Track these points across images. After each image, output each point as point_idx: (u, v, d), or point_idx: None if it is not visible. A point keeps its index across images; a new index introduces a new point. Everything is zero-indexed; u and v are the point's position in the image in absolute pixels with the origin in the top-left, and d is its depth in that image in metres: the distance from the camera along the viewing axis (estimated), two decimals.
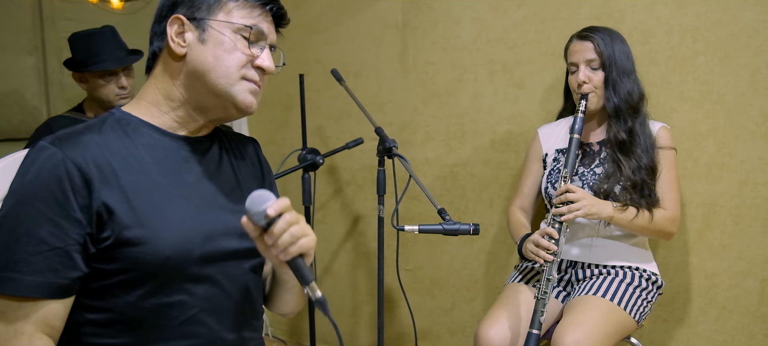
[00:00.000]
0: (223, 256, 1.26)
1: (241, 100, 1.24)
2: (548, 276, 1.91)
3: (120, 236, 1.14)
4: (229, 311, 1.29)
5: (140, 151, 1.22)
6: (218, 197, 1.30)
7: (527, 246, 2.01)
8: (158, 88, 1.27)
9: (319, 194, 2.98)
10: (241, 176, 1.39)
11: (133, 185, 1.17)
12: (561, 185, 1.97)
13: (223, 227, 1.27)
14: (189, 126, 1.29)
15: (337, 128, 2.91)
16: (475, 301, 2.74)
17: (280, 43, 1.33)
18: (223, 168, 1.36)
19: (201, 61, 1.22)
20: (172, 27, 1.23)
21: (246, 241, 1.29)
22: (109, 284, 1.16)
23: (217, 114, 1.29)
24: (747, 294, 2.21)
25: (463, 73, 2.60)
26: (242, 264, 1.32)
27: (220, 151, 1.37)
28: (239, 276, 1.31)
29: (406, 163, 2.06)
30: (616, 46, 2.03)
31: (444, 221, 1.86)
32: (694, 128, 2.22)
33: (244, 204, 1.33)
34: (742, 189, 2.18)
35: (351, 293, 3.02)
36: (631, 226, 1.98)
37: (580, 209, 1.92)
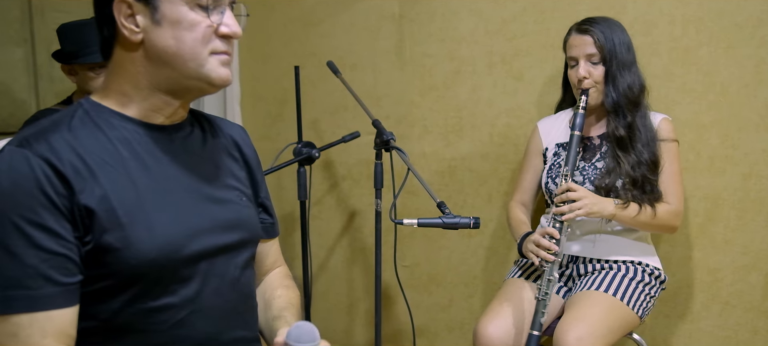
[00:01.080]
0: (211, 253, 1.19)
1: (216, 77, 1.13)
2: (549, 276, 1.87)
3: (100, 240, 1.06)
4: (221, 310, 1.21)
5: (115, 145, 1.12)
6: (203, 188, 1.22)
7: (528, 246, 1.97)
8: (122, 78, 1.15)
9: (315, 189, 2.93)
10: (226, 164, 1.31)
11: (110, 185, 1.08)
12: (562, 184, 1.93)
13: (210, 222, 1.20)
14: (165, 112, 1.19)
15: (332, 122, 2.86)
16: (473, 297, 2.70)
17: (274, 37, 1.26)
18: (206, 155, 1.27)
19: (161, 46, 1.11)
20: (119, 11, 1.10)
21: (234, 233, 1.24)
22: (91, 291, 1.08)
23: (193, 95, 1.21)
24: (751, 289, 2.18)
25: (461, 65, 2.56)
26: (232, 259, 1.24)
27: (202, 136, 1.29)
28: (230, 272, 1.23)
29: (404, 156, 2.01)
30: (616, 38, 1.98)
31: (443, 215, 1.82)
32: (697, 120, 2.19)
33: (230, 193, 1.27)
34: (746, 182, 2.14)
35: (347, 289, 2.97)
36: (634, 223, 1.93)
37: (582, 209, 1.88)
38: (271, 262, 1.48)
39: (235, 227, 1.25)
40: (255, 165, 1.39)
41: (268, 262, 1.47)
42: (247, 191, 1.33)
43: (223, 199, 1.24)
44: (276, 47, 2.94)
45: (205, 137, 1.29)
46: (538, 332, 1.83)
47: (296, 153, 2.40)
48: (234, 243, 1.23)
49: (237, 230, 1.25)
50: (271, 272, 1.48)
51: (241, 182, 1.32)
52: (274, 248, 1.49)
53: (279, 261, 1.51)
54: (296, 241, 3.00)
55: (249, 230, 1.30)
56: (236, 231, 1.25)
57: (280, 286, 1.43)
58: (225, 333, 1.22)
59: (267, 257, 1.46)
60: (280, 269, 1.50)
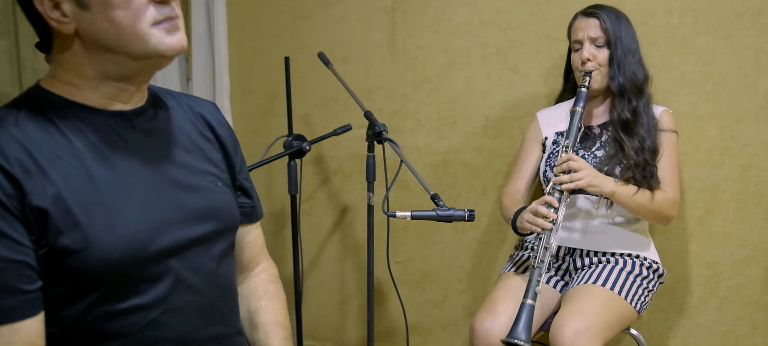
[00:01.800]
0: (182, 246, 1.10)
1: (167, 48, 1.03)
2: (546, 245, 1.81)
3: (56, 244, 0.97)
4: (197, 307, 1.13)
5: (69, 138, 1.02)
6: (171, 177, 1.13)
7: (524, 216, 1.91)
8: (68, 71, 1.05)
9: (306, 184, 2.88)
10: (198, 146, 1.21)
11: (64, 181, 0.99)
12: (562, 156, 1.89)
13: (180, 212, 1.11)
14: (121, 98, 1.09)
15: (323, 116, 2.81)
16: (467, 293, 2.65)
17: (264, 29, 1.19)
18: (173, 139, 1.17)
19: (97, 32, 1.00)
20: (41, 3, 0.99)
21: (208, 223, 1.16)
22: (51, 296, 1.00)
23: (148, 74, 1.11)
24: (750, 283, 2.15)
25: (454, 57, 2.51)
26: (207, 251, 1.16)
27: (168, 117, 1.19)
28: (205, 265, 1.15)
29: (397, 148, 1.96)
30: (622, 25, 1.97)
31: (437, 207, 1.77)
32: (696, 111, 2.15)
33: (202, 178, 1.18)
34: (745, 174, 2.11)
35: (339, 286, 2.92)
36: (632, 202, 1.89)
37: (582, 179, 1.84)
38: (254, 252, 1.39)
39: (209, 216, 1.16)
40: (230, 144, 1.29)
41: (251, 251, 1.38)
42: (222, 174, 1.24)
43: (194, 186, 1.16)
44: (266, 40, 2.89)
45: (171, 119, 1.19)
46: (533, 302, 1.74)
47: (286, 146, 2.34)
48: (208, 234, 1.15)
49: (211, 220, 1.16)
50: (255, 269, 1.40)
51: (215, 164, 1.23)
52: (256, 234, 1.39)
53: (262, 254, 1.42)
54: (287, 237, 2.96)
55: (225, 218, 1.21)
56: (210, 221, 1.16)
57: (265, 295, 1.35)
58: (202, 331, 1.15)
59: (249, 245, 1.37)
60: (265, 274, 1.41)
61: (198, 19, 2.93)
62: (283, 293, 1.40)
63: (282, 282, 1.42)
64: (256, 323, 1.30)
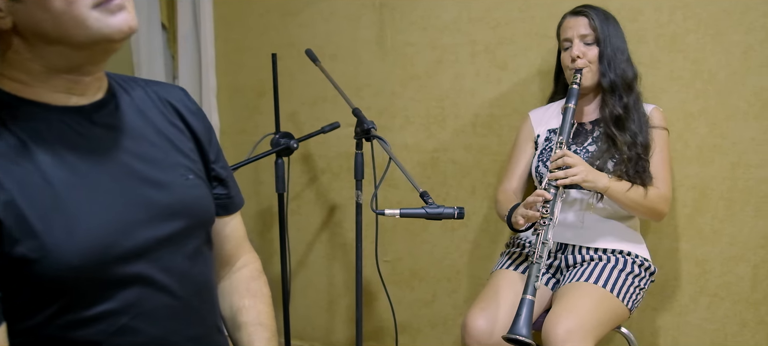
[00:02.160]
0: (151, 247, 1.03)
1: (112, 30, 0.94)
2: (544, 239, 1.81)
3: (12, 253, 0.90)
4: (171, 309, 1.07)
5: (21, 139, 0.95)
6: (137, 173, 1.05)
7: (518, 211, 1.90)
8: (13, 66, 0.98)
9: (293, 183, 2.85)
10: (166, 137, 1.13)
11: (18, 187, 0.92)
12: (556, 151, 1.88)
13: (147, 211, 1.04)
14: (76, 90, 1.01)
15: (311, 114, 2.79)
16: (457, 292, 2.63)
17: (251, 27, 1.15)
18: (138, 131, 1.09)
19: (35, 24, 0.92)
20: None
21: (178, 220, 1.09)
22: (13, 306, 0.94)
23: (99, 61, 1.02)
24: (739, 280, 2.14)
25: (443, 54, 2.50)
26: (179, 249, 1.09)
27: (132, 108, 1.11)
28: (178, 265, 1.08)
29: (386, 145, 1.95)
30: (611, 25, 1.98)
31: (427, 205, 1.75)
32: (685, 109, 2.14)
33: (172, 172, 1.11)
34: (734, 171, 2.10)
35: (327, 286, 2.90)
36: (626, 198, 1.88)
37: (578, 174, 1.83)
38: (235, 245, 1.32)
39: (179, 213, 1.09)
40: (202, 132, 1.20)
41: (231, 244, 1.31)
42: (194, 165, 1.17)
43: (162, 181, 1.08)
44: (253, 37, 2.86)
45: (135, 110, 1.11)
46: (532, 298, 1.73)
47: (274, 144, 2.32)
48: (178, 232, 1.09)
49: (181, 216, 1.09)
50: (237, 263, 1.33)
51: (186, 155, 1.16)
52: (235, 226, 1.32)
53: (244, 246, 1.35)
54: (274, 236, 2.93)
55: (197, 213, 1.14)
56: (180, 217, 1.09)
57: (247, 293, 1.30)
58: (177, 334, 1.09)
59: (228, 238, 1.30)
60: (247, 269, 1.34)
61: (184, 17, 2.90)
62: (266, 288, 1.34)
63: (270, 282, 1.38)
64: (239, 323, 1.26)
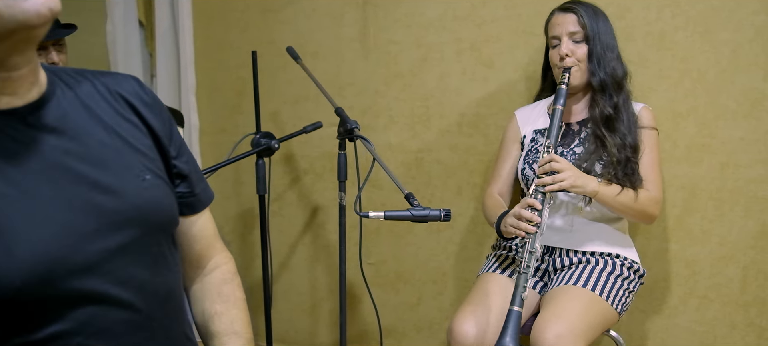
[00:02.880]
0: (104, 259, 0.93)
1: (29, 14, 0.82)
2: (531, 249, 1.76)
3: None
4: (131, 324, 0.97)
5: None
6: (82, 178, 0.94)
7: (507, 221, 1.85)
8: None
9: (275, 184, 2.79)
10: (118, 134, 1.01)
11: None
12: (544, 156, 1.83)
13: (96, 220, 0.93)
14: (6, 89, 0.89)
15: (293, 114, 2.72)
16: (442, 295, 2.59)
17: (231, 23, 1.07)
18: (84, 131, 0.97)
19: None
20: None
21: (133, 227, 0.98)
22: None
23: (23, 51, 0.88)
24: (728, 282, 2.12)
25: (428, 52, 2.45)
26: (137, 259, 0.98)
27: (75, 106, 0.99)
28: (136, 276, 0.98)
29: (369, 145, 1.89)
30: (600, 21, 1.92)
31: (412, 207, 1.70)
32: (673, 108, 2.11)
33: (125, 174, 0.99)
34: (724, 171, 2.08)
35: (310, 289, 2.84)
36: (616, 202, 1.84)
37: (566, 180, 1.78)
38: (204, 245, 1.22)
39: (134, 220, 0.98)
40: (159, 125, 1.08)
41: (199, 245, 1.21)
42: (151, 163, 1.05)
43: (113, 186, 0.97)
44: (233, 35, 2.79)
45: (80, 107, 0.99)
46: (520, 309, 1.69)
47: (254, 144, 2.25)
48: (135, 240, 0.98)
49: (136, 223, 0.98)
50: (208, 265, 1.23)
51: (142, 153, 1.04)
52: (203, 225, 1.21)
53: (215, 246, 1.24)
54: (256, 238, 2.87)
55: (155, 218, 1.03)
56: (136, 224, 0.98)
57: (219, 298, 1.19)
58: None
59: (196, 239, 1.20)
60: (219, 271, 1.23)
61: (162, 13, 2.83)
62: (240, 291, 1.24)
63: (251, 286, 1.30)
64: (212, 332, 1.17)
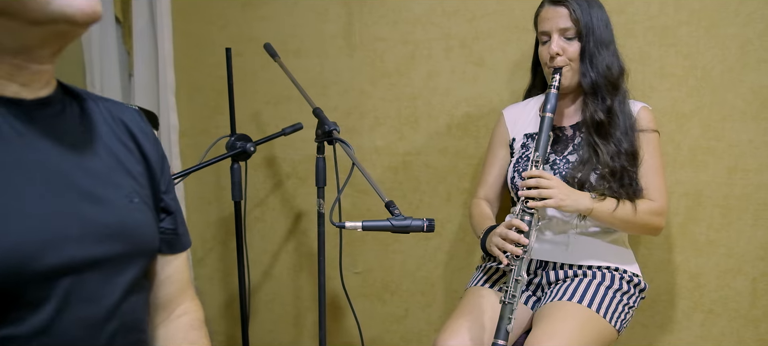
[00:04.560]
0: (77, 267, 0.89)
1: (75, 10, 0.83)
2: (517, 276, 1.63)
3: None
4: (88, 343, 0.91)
5: None
6: (76, 183, 0.92)
7: (492, 239, 1.72)
8: None
9: (257, 189, 2.66)
10: (116, 155, 1.02)
11: None
12: (531, 170, 1.69)
13: (80, 227, 0.90)
14: (19, 79, 0.88)
15: (275, 114, 2.59)
16: (431, 306, 2.45)
17: (210, 20, 0.98)
18: (85, 141, 0.98)
19: None
20: None
21: (115, 243, 0.94)
22: None
23: (53, 45, 0.89)
24: (736, 295, 1.98)
25: (415, 49, 2.31)
26: (111, 278, 0.94)
27: (81, 117, 0.99)
28: (106, 296, 0.93)
29: (348, 149, 1.75)
30: (594, 13, 1.76)
31: (392, 216, 1.56)
32: (677, 108, 1.98)
33: (116, 191, 0.97)
34: (731, 177, 1.94)
35: (293, 299, 2.70)
36: (613, 220, 1.70)
37: (553, 198, 1.64)
38: (175, 289, 1.16)
39: (117, 236, 0.95)
40: (155, 159, 1.09)
41: (170, 288, 1.15)
42: (142, 190, 1.04)
43: (102, 198, 0.95)
44: (213, 32, 2.65)
45: (85, 119, 0.99)
46: (504, 342, 1.58)
47: (229, 147, 2.11)
48: (114, 256, 0.94)
49: (119, 240, 0.95)
50: (176, 310, 1.16)
51: (134, 178, 1.03)
52: (177, 267, 1.16)
53: (186, 293, 1.19)
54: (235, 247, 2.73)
55: (139, 239, 1.01)
56: (118, 241, 0.95)
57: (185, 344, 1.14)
58: None
59: (168, 280, 1.14)
60: (187, 317, 1.17)
61: (139, 10, 2.70)
62: (206, 340, 1.18)
63: (233, 293, 1.19)
64: None
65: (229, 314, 2.84)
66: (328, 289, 2.52)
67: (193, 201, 2.80)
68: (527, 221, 1.66)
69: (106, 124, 1.03)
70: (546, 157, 1.76)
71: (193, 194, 2.79)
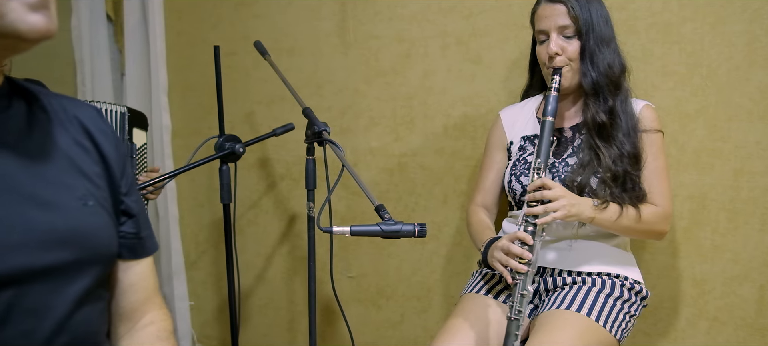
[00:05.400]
0: (21, 277, 0.83)
1: (28, 28, 0.79)
2: (522, 291, 1.55)
3: None
4: None
5: None
6: (20, 186, 0.86)
7: (494, 254, 1.64)
8: None
9: (250, 191, 2.60)
10: (69, 156, 0.95)
11: None
12: (534, 179, 1.61)
13: (24, 232, 0.84)
14: None
15: (269, 114, 2.53)
16: (427, 312, 2.38)
17: (203, 17, 0.93)
18: (33, 141, 0.92)
19: None
20: None
21: (64, 250, 0.88)
22: None
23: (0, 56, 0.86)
24: (743, 303, 1.90)
25: (411, 47, 2.25)
26: (60, 288, 0.88)
27: (29, 115, 0.93)
28: (55, 308, 0.87)
29: (339, 150, 1.69)
30: (594, 9, 1.68)
31: (383, 221, 1.49)
32: (681, 108, 1.90)
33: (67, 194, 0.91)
34: (737, 179, 1.86)
35: (287, 303, 2.64)
36: (616, 227, 1.63)
37: (559, 210, 1.55)
38: (140, 298, 1.08)
39: (69, 242, 0.89)
40: (114, 158, 1.02)
41: (134, 296, 1.07)
42: (98, 192, 0.98)
43: (52, 202, 0.89)
44: (206, 30, 2.60)
45: (34, 118, 0.94)
46: None
47: (217, 148, 2.05)
48: (63, 265, 0.88)
49: (71, 246, 0.89)
50: (142, 320, 1.09)
51: (89, 179, 0.97)
52: (141, 274, 1.09)
53: (152, 301, 1.11)
54: None
55: (93, 245, 0.94)
56: (68, 247, 0.89)
57: None
58: None
59: (132, 289, 1.07)
60: (153, 327, 1.10)
61: (131, 7, 2.66)
62: None
63: (222, 301, 1.12)
64: None
65: (222, 318, 2.78)
66: (323, 293, 2.46)
67: (186, 203, 2.74)
68: (531, 232, 1.59)
69: (59, 123, 0.97)
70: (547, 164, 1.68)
71: (185, 195, 2.73)
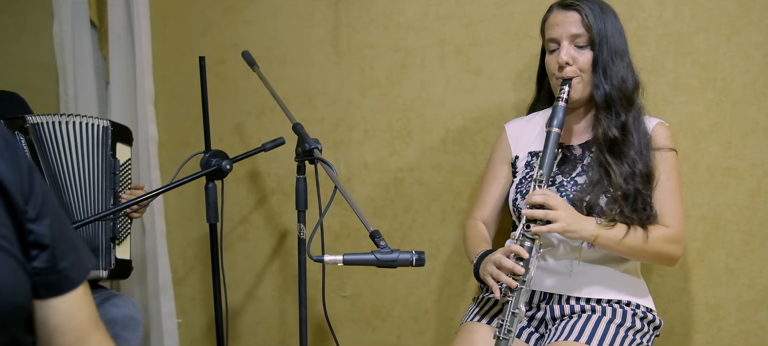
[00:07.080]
0: None
1: None
2: (514, 309, 1.46)
3: None
4: None
5: None
6: None
7: (486, 267, 1.56)
8: None
9: (239, 206, 2.50)
10: None
11: None
12: (535, 192, 1.52)
13: None
14: None
15: (259, 126, 2.44)
16: (424, 335, 2.30)
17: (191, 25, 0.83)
18: None
19: None
20: None
21: None
22: None
23: None
24: (759, 329, 1.85)
25: (407, 57, 2.17)
26: None
27: None
28: None
29: (331, 170, 1.59)
30: (608, 20, 1.60)
31: (378, 248, 1.40)
32: (694, 124, 1.85)
33: None
34: (754, 199, 1.81)
35: (278, 323, 2.54)
36: (621, 248, 1.53)
37: (558, 222, 1.48)
38: (72, 338, 0.94)
39: None
40: (10, 176, 0.85)
41: (66, 338, 0.93)
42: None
43: None
44: (194, 38, 2.50)
45: None
46: None
47: (203, 165, 1.95)
48: None
49: None
50: None
51: None
52: (68, 310, 0.93)
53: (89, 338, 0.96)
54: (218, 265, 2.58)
55: None
56: None
57: None
58: None
59: (58, 330, 0.93)
60: None
61: (116, 13, 2.56)
62: None
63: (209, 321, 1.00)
64: None
65: (211, 336, 2.68)
66: (315, 312, 2.36)
67: (174, 216, 2.64)
68: (528, 248, 1.50)
69: None
70: (551, 176, 1.59)
71: (172, 209, 2.63)
